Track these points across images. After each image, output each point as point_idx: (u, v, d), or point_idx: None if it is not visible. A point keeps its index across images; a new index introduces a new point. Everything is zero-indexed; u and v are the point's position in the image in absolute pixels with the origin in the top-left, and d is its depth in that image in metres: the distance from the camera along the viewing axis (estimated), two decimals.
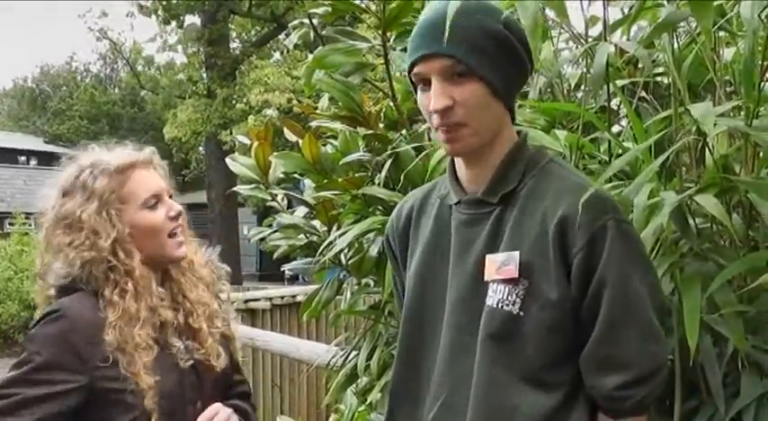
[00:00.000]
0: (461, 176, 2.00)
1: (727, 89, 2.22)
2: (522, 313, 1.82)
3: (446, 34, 1.76)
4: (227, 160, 3.73)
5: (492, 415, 1.85)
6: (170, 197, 2.52)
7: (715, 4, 1.88)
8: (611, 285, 1.77)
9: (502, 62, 1.85)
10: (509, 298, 1.83)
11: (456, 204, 1.99)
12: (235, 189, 3.84)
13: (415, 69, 1.89)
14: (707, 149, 2.18)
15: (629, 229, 1.82)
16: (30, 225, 19.86)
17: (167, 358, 2.38)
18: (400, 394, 2.10)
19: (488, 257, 1.88)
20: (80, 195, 2.41)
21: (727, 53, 2.24)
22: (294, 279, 24.42)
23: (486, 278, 1.87)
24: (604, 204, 1.80)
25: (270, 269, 27.49)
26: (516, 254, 1.84)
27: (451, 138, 1.87)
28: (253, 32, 31.08)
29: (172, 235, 2.46)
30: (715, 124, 1.94)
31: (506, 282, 1.83)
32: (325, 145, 3.46)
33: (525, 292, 1.82)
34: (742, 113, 2.07)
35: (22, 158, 43.81)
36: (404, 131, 3.10)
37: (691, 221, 2.11)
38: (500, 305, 1.84)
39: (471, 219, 1.95)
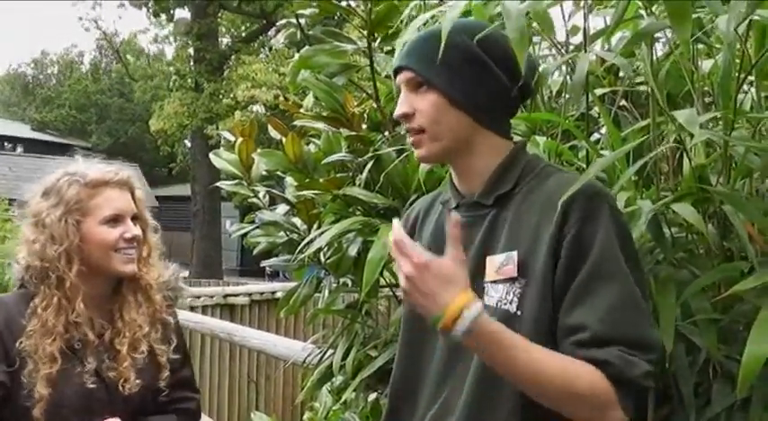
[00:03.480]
0: (457, 183, 2.05)
1: (706, 100, 2.24)
2: (519, 312, 1.82)
3: (406, 49, 1.99)
4: (211, 155, 3.73)
5: (479, 416, 1.86)
6: (135, 219, 2.64)
7: (693, 16, 1.90)
8: (603, 268, 1.76)
9: (465, 74, 1.92)
10: (507, 297, 1.84)
11: (455, 208, 2.03)
12: (217, 184, 3.85)
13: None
14: (685, 158, 2.19)
15: (623, 221, 1.83)
16: (13, 212, 19.74)
17: (76, 375, 2.50)
18: (400, 393, 2.12)
19: (488, 259, 1.89)
20: (53, 199, 2.57)
21: (706, 65, 2.26)
22: (275, 275, 24.44)
23: (486, 279, 1.88)
24: (601, 193, 1.82)
25: (251, 264, 27.48)
26: (515, 253, 1.85)
27: (414, 142, 2.00)
28: (243, 28, 31.06)
29: (119, 250, 2.56)
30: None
31: (505, 281, 1.85)
32: (308, 143, 3.46)
33: (522, 291, 1.83)
34: (720, 124, 2.09)
35: (8, 145, 43.67)
36: (386, 133, 3.11)
37: (666, 230, 2.12)
38: (498, 304, 1.85)
39: (469, 223, 1.95)
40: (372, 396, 3.32)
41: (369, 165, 3.04)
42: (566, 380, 1.71)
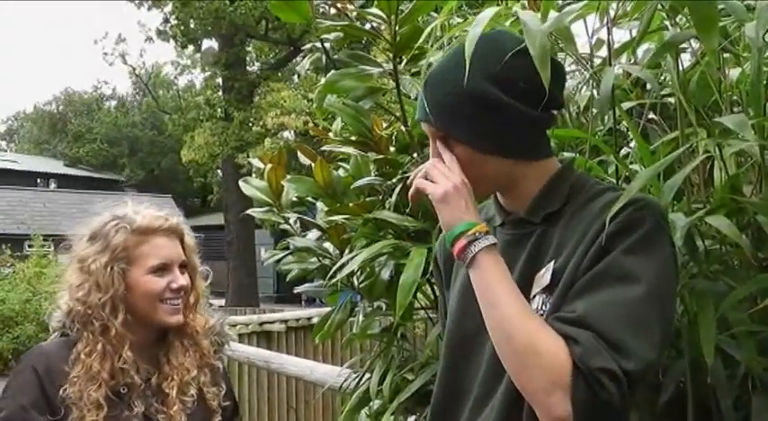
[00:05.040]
0: (502, 201, 2.04)
1: (734, 110, 2.22)
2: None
3: (423, 97, 1.93)
4: (240, 183, 3.73)
5: None
6: (183, 267, 2.61)
7: (719, 25, 1.89)
8: (615, 270, 1.71)
9: (488, 121, 1.87)
10: (543, 307, 1.81)
11: (500, 226, 2.02)
12: (248, 212, 3.84)
13: None
14: (717, 169, 2.17)
15: (664, 237, 1.78)
16: (48, 247, 19.97)
17: (124, 419, 2.45)
18: (441, 410, 2.10)
19: (536, 277, 1.86)
20: (99, 244, 2.53)
21: (733, 74, 2.24)
22: (311, 301, 24.41)
23: (531, 294, 1.85)
24: (649, 206, 1.78)
25: (286, 291, 27.54)
26: (551, 263, 1.83)
27: None
28: (270, 56, 31.27)
29: (165, 300, 2.54)
30: (725, 146, 1.95)
31: (542, 292, 1.82)
32: (337, 168, 3.46)
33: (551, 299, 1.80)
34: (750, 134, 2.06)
35: (41, 182, 44.20)
36: (415, 155, 3.10)
37: (699, 243, 2.10)
38: None
39: (514, 240, 1.95)
40: (411, 419, 3.30)
41: (398, 188, 3.03)
42: (534, 336, 1.69)
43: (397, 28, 2.97)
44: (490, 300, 1.78)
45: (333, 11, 3.13)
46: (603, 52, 2.41)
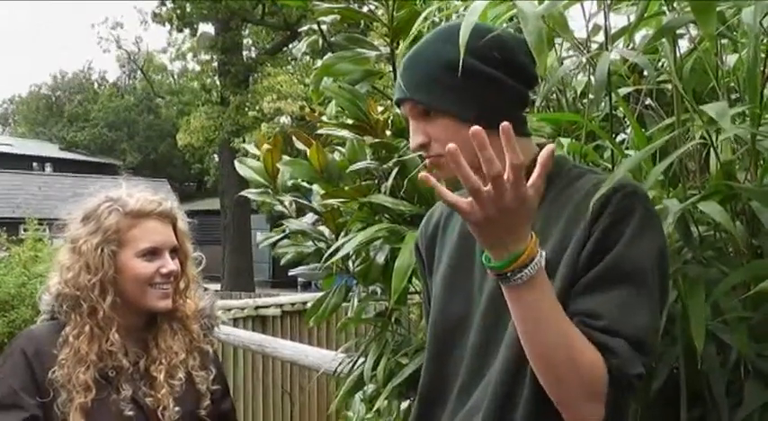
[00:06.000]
0: None
1: (732, 96, 2.22)
2: None
3: (400, 78, 1.94)
4: (236, 163, 3.70)
5: (503, 415, 1.83)
6: (175, 251, 2.60)
7: (716, 10, 1.88)
8: (623, 266, 1.72)
9: (467, 90, 1.87)
10: None
11: None
12: (243, 193, 3.82)
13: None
14: (712, 155, 2.17)
15: (656, 222, 1.79)
16: (43, 231, 19.94)
17: (112, 403, 2.45)
18: (428, 398, 2.09)
19: None
20: (92, 225, 2.52)
21: (731, 60, 2.24)
22: (307, 286, 24.46)
23: None
24: (637, 193, 1.78)
25: (282, 275, 27.52)
26: (543, 253, 1.78)
27: (434, 165, 1.94)
28: (267, 40, 31.21)
29: (154, 285, 2.53)
30: (720, 131, 1.95)
31: None
32: (332, 152, 3.46)
33: None
34: (747, 120, 2.07)
35: (37, 165, 44.12)
36: None
37: (694, 229, 2.10)
38: None
39: None
40: (405, 403, 3.30)
41: (394, 172, 3.03)
42: (575, 349, 1.67)
43: (394, 11, 2.97)
44: (527, 318, 1.69)
45: None
46: (600, 37, 2.41)
